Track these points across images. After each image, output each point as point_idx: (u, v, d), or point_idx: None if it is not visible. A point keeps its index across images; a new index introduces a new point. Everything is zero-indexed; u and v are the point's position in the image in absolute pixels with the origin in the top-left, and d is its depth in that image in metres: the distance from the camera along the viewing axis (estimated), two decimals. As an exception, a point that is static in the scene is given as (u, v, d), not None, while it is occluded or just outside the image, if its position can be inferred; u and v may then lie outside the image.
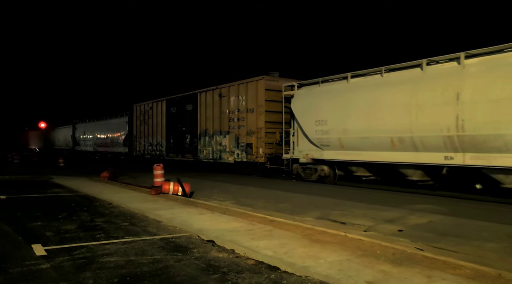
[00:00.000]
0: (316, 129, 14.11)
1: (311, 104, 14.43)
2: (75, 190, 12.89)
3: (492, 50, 10.04)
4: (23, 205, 9.89)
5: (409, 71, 11.74)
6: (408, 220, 7.80)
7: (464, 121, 10.12)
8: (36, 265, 4.91)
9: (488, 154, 9.93)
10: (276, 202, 10.27)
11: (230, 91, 18.91)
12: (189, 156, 22.23)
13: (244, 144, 17.95)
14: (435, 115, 10.69)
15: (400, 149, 11.67)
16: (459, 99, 10.21)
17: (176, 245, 5.90)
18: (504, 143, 9.53)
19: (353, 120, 12.84)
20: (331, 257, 5.05)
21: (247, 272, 4.63)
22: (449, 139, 10.48)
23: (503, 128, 9.49)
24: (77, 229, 7.06)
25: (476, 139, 10.00)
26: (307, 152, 14.68)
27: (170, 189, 11.25)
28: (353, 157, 13.10)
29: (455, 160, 10.57)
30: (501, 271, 4.42)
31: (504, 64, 9.70)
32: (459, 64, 10.50)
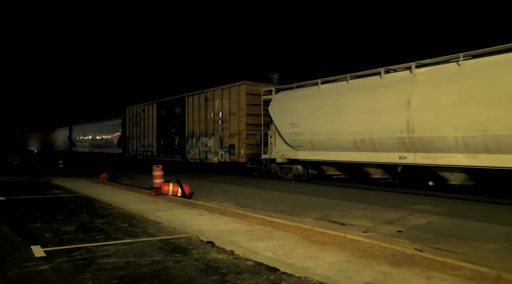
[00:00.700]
0: (290, 131, 15.13)
1: (286, 108, 15.49)
2: (75, 191, 12.88)
3: (439, 60, 11.05)
4: (23, 207, 9.88)
5: (370, 78, 12.78)
6: (407, 221, 7.80)
7: (413, 124, 11.18)
8: (35, 267, 4.91)
9: (434, 154, 11.00)
10: (275, 203, 10.27)
11: (215, 95, 19.96)
12: (178, 156, 23.15)
13: (227, 145, 18.95)
14: (390, 119, 11.74)
15: (362, 149, 12.72)
16: (409, 105, 11.28)
17: (176, 246, 5.90)
18: (446, 144, 10.60)
19: (322, 123, 13.89)
20: (331, 258, 5.05)
21: (247, 273, 4.63)
22: (401, 140, 11.55)
23: (445, 131, 10.54)
24: (76, 230, 7.05)
25: (424, 141, 11.07)
26: (283, 153, 15.79)
27: (170, 190, 11.25)
28: (323, 157, 14.24)
29: (407, 159, 11.65)
30: (500, 271, 4.43)
31: (446, 74, 10.76)
32: (411, 73, 11.54)
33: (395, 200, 10.45)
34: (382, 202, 9.95)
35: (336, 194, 11.90)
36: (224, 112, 19.33)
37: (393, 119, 11.65)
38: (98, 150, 35.47)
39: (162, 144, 24.84)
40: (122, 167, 25.19)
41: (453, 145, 10.48)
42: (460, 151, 10.44)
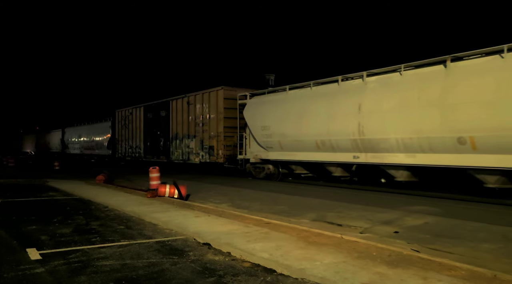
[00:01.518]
0: (262, 133, 16.43)
1: (259, 112, 16.75)
2: (71, 193, 12.82)
3: (386, 70, 12.35)
4: (18, 209, 9.83)
5: (330, 85, 14.13)
6: (404, 221, 7.82)
7: (364, 127, 12.52)
8: (30, 269, 4.88)
9: (381, 153, 12.31)
10: (272, 204, 10.27)
11: (196, 99, 21.13)
12: (163, 157, 24.30)
13: (207, 146, 20.22)
14: (345, 122, 13.06)
15: (323, 150, 14.10)
16: (360, 110, 12.59)
17: (172, 248, 5.88)
18: (390, 145, 11.92)
19: (289, 126, 15.19)
20: (327, 259, 5.05)
21: (243, 275, 4.62)
22: (354, 142, 12.90)
23: (388, 133, 11.86)
24: (72, 232, 7.02)
25: (372, 142, 12.40)
26: (256, 153, 17.09)
27: (166, 192, 11.22)
28: (291, 157, 15.56)
29: (360, 158, 13.00)
30: (497, 272, 4.44)
31: (391, 82, 12.08)
32: (363, 81, 12.88)
33: (391, 201, 10.47)
34: (379, 203, 9.96)
35: (333, 195, 11.91)
36: (204, 115, 20.46)
37: (347, 123, 12.96)
38: (90, 152, 36.46)
39: (149, 145, 25.97)
40: (115, 168, 25.13)
41: (395, 146, 11.81)
42: (401, 151, 11.74)
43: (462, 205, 9.89)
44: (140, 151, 27.08)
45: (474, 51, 10.44)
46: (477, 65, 10.24)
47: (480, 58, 10.30)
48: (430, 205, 9.66)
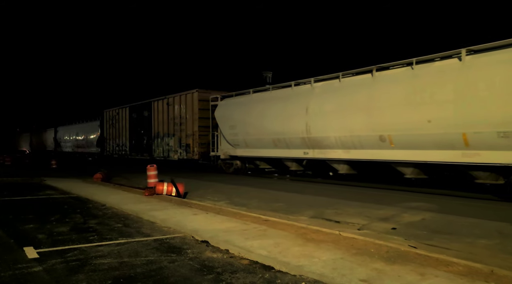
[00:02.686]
0: (230, 132, 18.07)
1: (228, 113, 18.35)
2: (68, 192, 12.79)
3: (330, 77, 14.13)
4: (15, 208, 9.79)
5: (285, 89, 15.89)
6: (402, 218, 7.85)
7: (310, 127, 14.31)
8: (28, 268, 4.86)
9: (325, 150, 14.15)
10: (270, 201, 10.28)
11: (175, 100, 22.59)
12: (146, 155, 25.74)
13: (184, 144, 21.69)
14: (296, 122, 14.75)
15: (279, 147, 15.90)
16: (307, 112, 14.35)
17: (170, 246, 5.88)
18: (330, 142, 13.80)
19: (252, 126, 16.84)
20: (325, 255, 5.06)
21: (241, 272, 4.63)
22: (303, 140, 14.69)
23: (329, 132, 13.71)
24: (70, 231, 7.00)
25: (317, 140, 14.25)
26: (226, 150, 18.74)
27: (164, 189, 11.21)
28: (254, 153, 17.31)
29: (309, 154, 14.83)
30: (493, 267, 4.46)
31: (332, 88, 13.90)
32: (311, 86, 14.68)
33: (389, 197, 10.51)
34: (376, 200, 9.99)
35: (331, 192, 11.94)
36: (182, 115, 21.93)
37: (297, 123, 14.70)
38: (81, 150, 38.02)
39: (134, 143, 27.57)
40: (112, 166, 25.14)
41: (335, 143, 13.66)
42: (339, 147, 13.59)
43: (458, 201, 9.94)
44: (126, 149, 28.50)
45: (394, 62, 12.11)
46: (394, 74, 12.01)
47: (397, 69, 12.05)
48: (427, 201, 9.70)
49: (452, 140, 10.39)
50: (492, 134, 9.59)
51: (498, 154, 9.63)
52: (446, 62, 10.86)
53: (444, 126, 10.45)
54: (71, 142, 40.42)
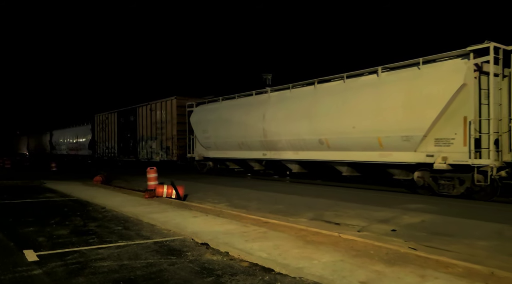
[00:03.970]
0: (203, 135, 19.92)
1: (201, 118, 20.15)
2: (68, 194, 12.79)
3: (283, 87, 16.05)
4: (15, 211, 9.79)
5: (248, 98, 17.71)
6: (401, 219, 7.85)
7: (266, 131, 16.18)
8: (28, 271, 4.86)
9: (279, 151, 16.02)
10: (270, 203, 10.28)
11: (157, 106, 24.31)
12: (132, 157, 27.43)
13: (165, 147, 23.39)
14: (255, 127, 16.58)
15: (243, 149, 17.67)
16: (264, 118, 16.24)
17: (170, 248, 5.88)
18: (283, 145, 15.65)
19: (221, 130, 18.61)
20: (325, 258, 5.06)
21: (241, 275, 4.63)
22: (261, 143, 16.58)
23: (281, 135, 15.55)
24: (69, 234, 7.00)
25: (272, 143, 16.12)
26: (200, 152, 20.59)
27: (164, 192, 11.21)
28: (223, 155, 19.08)
29: (267, 155, 16.70)
30: (493, 269, 4.47)
31: (284, 97, 15.81)
32: (268, 95, 16.71)
33: (389, 199, 10.51)
34: (376, 201, 9.99)
35: (331, 193, 11.94)
36: (163, 120, 23.62)
37: (256, 128, 16.55)
38: (74, 153, 39.85)
39: (121, 146, 29.18)
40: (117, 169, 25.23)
41: (286, 145, 15.49)
42: (290, 149, 15.45)
43: (458, 203, 9.93)
44: (115, 151, 30.21)
45: (333, 76, 14.04)
46: (331, 87, 14.01)
47: (334, 82, 14.01)
48: (427, 203, 9.70)
49: (371, 142, 12.34)
50: (398, 138, 11.63)
51: (404, 154, 11.66)
52: (368, 77, 12.85)
53: (364, 131, 12.41)
54: (65, 145, 42.24)
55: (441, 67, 10.98)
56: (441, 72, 10.85)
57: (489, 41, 9.91)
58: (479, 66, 10.22)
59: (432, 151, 10.99)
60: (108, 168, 23.46)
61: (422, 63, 11.28)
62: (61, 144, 43.52)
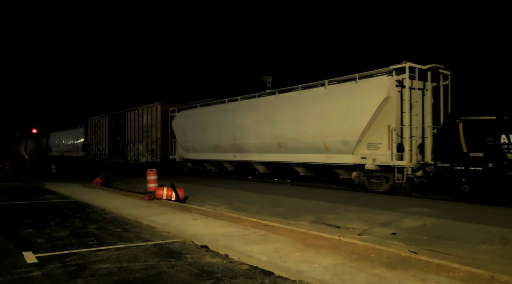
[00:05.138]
0: (183, 139, 21.47)
1: (181, 123, 21.68)
2: (68, 196, 12.77)
3: (251, 96, 17.78)
4: (14, 212, 9.77)
5: (222, 105, 19.40)
6: (402, 223, 7.81)
7: (236, 136, 17.64)
8: (27, 273, 4.84)
9: (247, 153, 17.41)
10: (270, 206, 10.25)
11: (143, 111, 25.77)
12: (121, 158, 28.91)
13: (150, 149, 24.87)
14: (227, 132, 18.13)
15: (218, 151, 19.15)
16: (234, 124, 17.76)
17: (170, 251, 5.86)
18: (250, 147, 17.19)
19: (198, 134, 20.11)
20: (326, 261, 5.03)
21: (241, 277, 4.60)
22: (232, 146, 18.07)
23: (248, 139, 17.07)
24: (69, 236, 6.97)
25: (241, 146, 17.61)
26: (180, 154, 22.10)
27: (164, 194, 11.19)
28: (200, 157, 20.62)
29: (237, 157, 18.05)
30: (494, 273, 4.44)
31: (251, 105, 17.43)
32: (239, 103, 18.23)
33: (389, 203, 10.47)
34: (377, 205, 9.96)
35: (332, 196, 11.90)
36: (148, 124, 25.06)
37: (228, 132, 18.04)
38: (68, 154, 41.58)
39: (112, 148, 30.78)
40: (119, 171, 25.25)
41: (253, 148, 17.04)
42: (256, 151, 16.95)
43: (460, 206, 9.90)
44: (106, 153, 31.71)
45: (292, 86, 15.79)
46: (289, 96, 15.67)
47: (292, 92, 15.71)
48: (428, 206, 9.66)
49: (319, 146, 14.02)
50: (339, 142, 13.31)
51: (344, 156, 13.30)
52: (318, 89, 14.67)
53: (314, 136, 14.10)
54: (61, 147, 44.07)
55: (371, 82, 12.80)
56: (371, 86, 12.62)
57: (405, 62, 11.77)
58: (401, 82, 12.03)
59: (365, 154, 12.76)
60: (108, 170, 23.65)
61: (359, 78, 13.13)
62: (57, 146, 45.47)
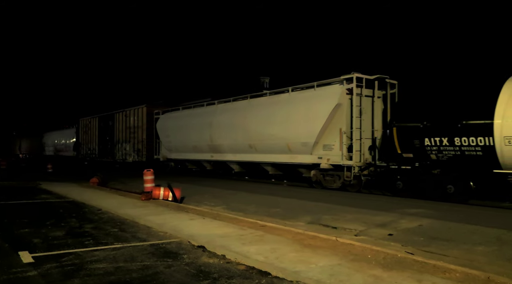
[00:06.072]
0: (166, 139, 22.83)
1: (165, 124, 22.97)
2: (64, 196, 12.72)
3: (226, 100, 18.95)
4: (10, 212, 9.72)
5: (201, 108, 20.76)
6: (399, 224, 7.83)
7: (212, 137, 18.95)
8: (23, 273, 4.82)
9: (223, 153, 18.66)
10: (267, 207, 10.24)
11: (130, 113, 26.99)
12: (110, 158, 29.97)
13: (136, 149, 26.03)
14: (205, 133, 19.37)
15: (198, 151, 20.48)
16: (211, 126, 19.06)
17: (166, 251, 5.85)
18: (225, 148, 18.42)
19: (180, 135, 21.41)
20: (322, 261, 5.04)
21: (238, 278, 4.60)
22: (209, 146, 19.37)
23: (224, 140, 18.32)
24: (65, 235, 6.95)
25: (217, 146, 18.84)
26: (164, 154, 23.47)
27: (161, 194, 11.16)
28: (182, 156, 21.88)
29: (214, 157, 19.40)
30: (490, 274, 4.46)
31: (226, 108, 18.62)
32: (216, 106, 19.50)
33: (386, 204, 10.50)
34: (374, 206, 9.98)
35: (328, 197, 11.91)
36: (135, 125, 26.26)
37: (205, 134, 19.35)
38: (61, 153, 42.77)
39: (101, 148, 31.91)
40: (114, 171, 25.23)
41: (227, 148, 18.28)
42: (230, 152, 18.18)
43: (457, 208, 9.93)
44: (96, 153, 32.81)
45: (263, 92, 17.72)
46: (260, 101, 17.03)
47: (261, 98, 17.15)
48: (425, 208, 9.69)
49: (283, 147, 15.33)
50: (299, 143, 14.63)
51: (305, 156, 14.66)
52: (285, 95, 16.03)
53: (279, 138, 15.39)
54: (53, 146, 45.52)
55: (327, 90, 14.22)
56: (326, 94, 14.04)
57: (353, 72, 13.18)
58: (350, 90, 13.29)
59: (321, 154, 14.16)
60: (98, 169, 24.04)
61: (317, 86, 14.55)
62: (50, 145, 46.85)
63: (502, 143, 9.75)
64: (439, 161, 11.30)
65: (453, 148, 10.80)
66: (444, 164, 11.24)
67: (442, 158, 11.19)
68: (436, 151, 11.21)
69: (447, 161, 11.12)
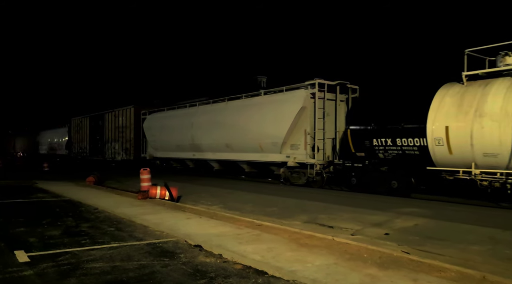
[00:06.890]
0: (152, 139, 24.03)
1: (151, 124, 24.09)
2: (60, 195, 12.68)
3: (207, 102, 20.12)
4: (6, 211, 9.68)
5: (184, 109, 21.95)
6: (395, 223, 7.87)
7: (194, 137, 20.11)
8: (18, 272, 4.81)
9: (204, 152, 19.84)
10: (264, 206, 10.26)
11: (119, 113, 27.94)
12: (100, 156, 30.79)
13: (125, 148, 26.93)
14: (186, 133, 20.56)
15: (181, 150, 21.51)
16: (192, 126, 20.23)
17: (163, 250, 5.85)
18: (205, 147, 19.54)
19: (165, 135, 22.52)
20: (319, 261, 5.06)
21: (235, 277, 4.61)
22: (191, 146, 20.50)
23: (204, 140, 19.44)
24: (61, 234, 6.93)
25: (199, 146, 19.98)
26: (150, 153, 24.53)
27: (157, 193, 11.15)
28: (167, 155, 23.01)
29: (196, 156, 20.55)
30: (485, 273, 4.49)
31: (207, 110, 19.81)
32: (197, 108, 20.73)
33: (382, 203, 10.54)
34: (370, 205, 10.02)
35: (325, 197, 11.95)
36: (124, 125, 27.17)
37: (187, 134, 20.46)
38: (53, 152, 43.84)
39: (92, 147, 32.92)
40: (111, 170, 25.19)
41: (207, 148, 19.39)
42: (210, 151, 19.31)
43: (452, 207, 9.99)
44: (87, 151, 33.78)
45: (241, 94, 18.18)
46: (235, 103, 18.17)
47: (238, 100, 18.19)
48: (420, 207, 9.74)
49: (256, 146, 16.47)
50: (270, 143, 15.86)
51: (275, 155, 15.86)
52: (258, 97, 17.26)
53: (252, 138, 16.50)
54: (47, 145, 46.58)
55: (294, 93, 15.44)
56: (293, 97, 15.26)
57: (315, 78, 14.61)
58: (314, 94, 14.64)
59: (289, 153, 15.35)
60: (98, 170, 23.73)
61: (286, 90, 15.85)
62: (44, 144, 47.82)
63: (434, 143, 10.99)
64: (386, 160, 12.63)
65: (396, 148, 12.13)
66: (390, 162, 12.59)
67: (388, 157, 12.49)
68: (383, 151, 12.53)
69: (392, 159, 12.44)
